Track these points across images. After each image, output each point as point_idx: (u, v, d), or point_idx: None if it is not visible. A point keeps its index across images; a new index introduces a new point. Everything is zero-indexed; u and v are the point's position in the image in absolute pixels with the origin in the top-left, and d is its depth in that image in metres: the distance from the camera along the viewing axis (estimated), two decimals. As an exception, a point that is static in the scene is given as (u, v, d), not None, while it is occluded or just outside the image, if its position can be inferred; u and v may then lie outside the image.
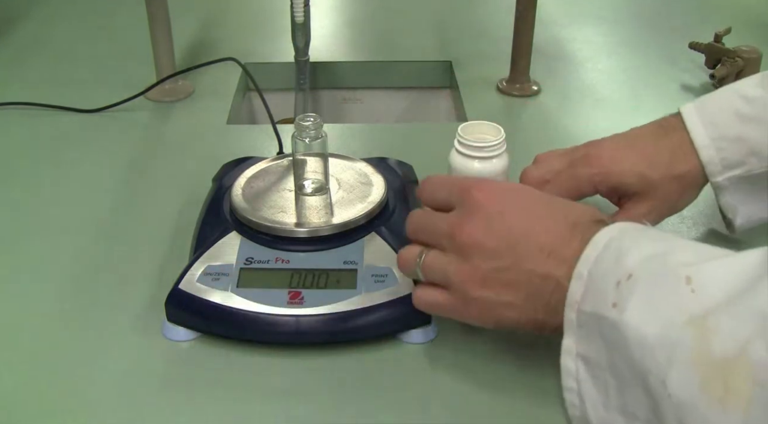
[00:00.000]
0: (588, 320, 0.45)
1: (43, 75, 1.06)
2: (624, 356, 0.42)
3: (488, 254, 0.49)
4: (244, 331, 0.60)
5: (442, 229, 0.52)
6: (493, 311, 0.51)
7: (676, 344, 0.40)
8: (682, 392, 0.39)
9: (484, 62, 1.09)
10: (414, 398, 0.57)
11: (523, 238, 0.49)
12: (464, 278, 0.50)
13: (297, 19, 0.98)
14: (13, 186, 0.82)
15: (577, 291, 0.46)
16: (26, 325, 0.64)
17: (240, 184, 0.68)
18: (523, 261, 0.49)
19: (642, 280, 0.43)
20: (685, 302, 0.40)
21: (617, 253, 0.45)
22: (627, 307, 0.42)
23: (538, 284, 0.48)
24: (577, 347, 0.46)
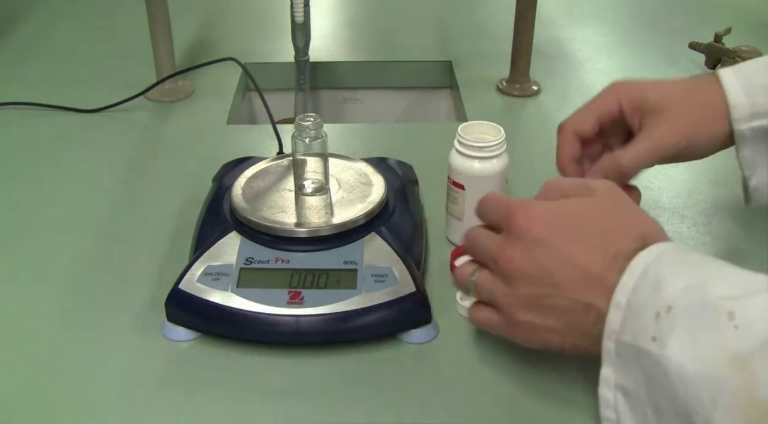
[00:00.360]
0: (627, 351, 0.45)
1: (43, 75, 1.06)
2: (666, 391, 0.42)
3: (530, 281, 0.50)
4: (244, 331, 0.60)
5: (489, 251, 0.53)
6: (538, 335, 0.51)
7: (719, 383, 0.40)
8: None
9: (484, 62, 1.09)
10: (414, 398, 0.57)
11: (563, 267, 0.49)
12: (509, 302, 0.51)
13: (297, 19, 0.98)
14: (13, 186, 0.82)
15: (615, 320, 0.46)
16: (26, 325, 0.64)
17: (240, 184, 0.68)
18: (564, 289, 0.49)
19: (682, 313, 0.43)
20: (729, 340, 0.40)
21: (655, 281, 0.45)
22: (668, 343, 0.42)
23: (581, 313, 0.48)
24: (616, 378, 0.46)
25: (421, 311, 0.61)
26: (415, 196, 0.73)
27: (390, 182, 0.69)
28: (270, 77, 1.08)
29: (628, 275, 0.46)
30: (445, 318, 0.63)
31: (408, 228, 0.67)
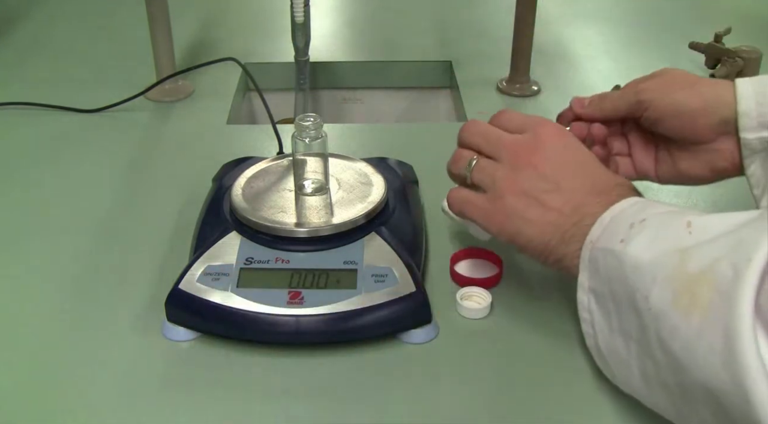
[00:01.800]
0: (598, 255, 0.50)
1: (43, 75, 1.06)
2: (620, 280, 0.48)
3: (538, 175, 0.55)
4: (244, 331, 0.60)
5: (506, 141, 0.57)
6: (514, 222, 0.55)
7: (661, 265, 0.45)
8: (658, 304, 0.45)
9: (484, 62, 1.09)
10: (414, 398, 0.57)
11: (569, 176, 0.55)
12: (507, 185, 0.56)
13: (297, 19, 0.98)
14: (13, 186, 0.82)
15: (595, 233, 0.51)
16: (26, 325, 0.64)
17: (240, 184, 0.68)
18: (564, 192, 0.55)
19: (651, 223, 0.48)
20: (680, 239, 0.46)
21: (640, 207, 0.51)
22: (631, 242, 0.48)
23: (566, 213, 0.54)
24: (589, 282, 0.51)
25: (421, 311, 0.61)
26: (415, 196, 0.73)
27: (390, 182, 0.69)
28: (270, 77, 1.08)
29: (622, 203, 0.52)
30: (445, 318, 0.63)
31: (408, 228, 0.67)
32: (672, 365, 0.44)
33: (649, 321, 0.45)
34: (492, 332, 0.63)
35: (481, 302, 0.64)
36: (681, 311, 0.43)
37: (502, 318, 0.64)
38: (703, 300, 0.42)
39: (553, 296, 0.65)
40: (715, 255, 0.43)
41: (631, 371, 0.49)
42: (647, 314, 0.45)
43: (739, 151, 0.61)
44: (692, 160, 0.64)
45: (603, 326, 0.51)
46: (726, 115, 0.61)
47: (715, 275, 0.42)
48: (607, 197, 0.53)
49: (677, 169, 0.65)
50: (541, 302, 0.65)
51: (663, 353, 0.45)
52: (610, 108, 0.65)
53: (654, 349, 0.45)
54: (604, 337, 0.51)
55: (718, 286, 0.41)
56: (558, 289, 0.66)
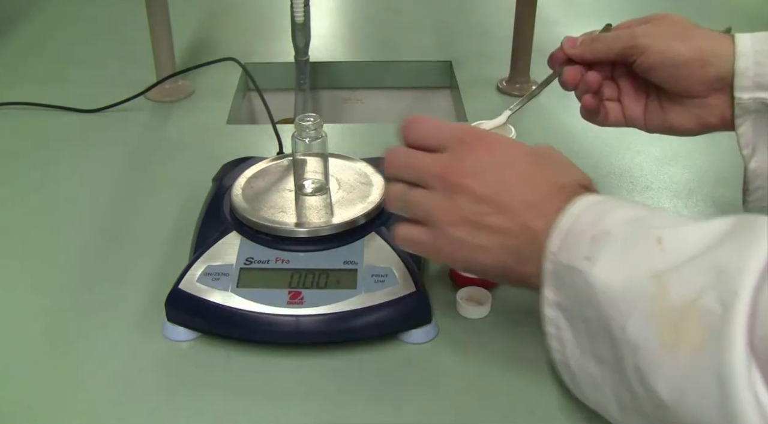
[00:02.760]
0: (562, 271, 0.46)
1: (43, 75, 1.06)
2: (592, 304, 0.44)
3: (474, 197, 0.50)
4: (244, 331, 0.60)
5: (431, 168, 0.52)
6: (466, 252, 0.51)
7: (637, 293, 0.42)
8: (638, 337, 0.41)
9: (484, 62, 1.09)
10: (414, 398, 0.57)
11: (510, 189, 0.50)
12: (446, 217, 0.51)
13: (297, 19, 0.98)
14: (13, 186, 0.82)
15: (555, 244, 0.47)
16: (26, 325, 0.64)
17: (240, 184, 0.68)
18: (506, 210, 0.50)
19: (616, 238, 0.45)
20: (653, 260, 0.42)
21: (598, 212, 0.47)
22: (598, 260, 0.44)
23: (516, 233, 0.50)
24: (555, 297, 0.47)
25: (421, 311, 0.61)
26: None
27: (390, 182, 0.69)
28: (270, 77, 1.08)
29: (576, 206, 0.48)
30: (445, 318, 0.63)
31: (408, 228, 0.67)
32: (654, 401, 0.41)
33: (627, 353, 0.42)
34: (492, 332, 0.63)
35: (481, 302, 0.64)
36: (666, 348, 0.40)
37: (502, 318, 0.64)
38: (691, 337, 0.39)
39: (553, 296, 0.65)
40: (697, 284, 0.40)
41: (604, 394, 0.46)
42: (625, 345, 0.42)
43: (730, 108, 0.60)
44: (682, 112, 0.63)
45: (573, 345, 0.47)
46: (722, 72, 0.59)
47: (700, 309, 0.39)
48: (555, 205, 0.49)
49: (666, 120, 0.64)
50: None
51: (643, 387, 0.42)
52: (602, 49, 0.63)
53: (632, 381, 0.42)
54: (575, 356, 0.47)
55: (705, 322, 0.39)
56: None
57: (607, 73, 0.66)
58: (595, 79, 0.65)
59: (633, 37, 0.62)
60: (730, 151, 0.64)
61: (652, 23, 0.63)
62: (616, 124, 0.67)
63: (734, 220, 0.42)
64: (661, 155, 0.86)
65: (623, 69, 0.66)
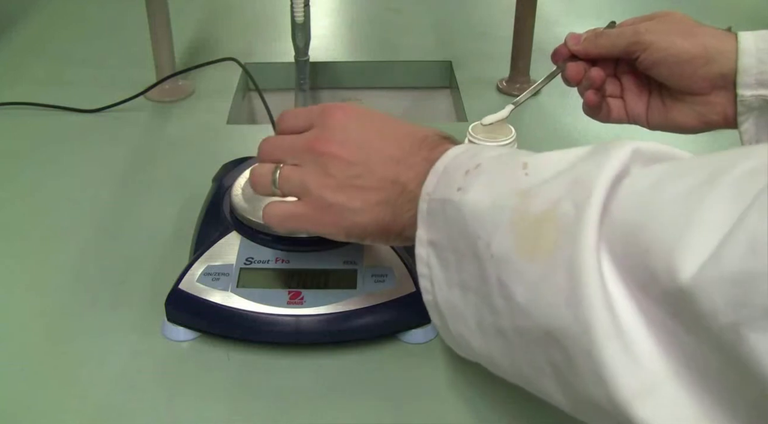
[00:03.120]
0: (436, 206, 0.48)
1: (43, 75, 1.06)
2: (461, 230, 0.45)
3: (344, 164, 0.52)
4: (244, 331, 0.60)
5: (299, 144, 0.54)
6: (343, 217, 0.52)
7: (501, 210, 0.43)
8: (501, 250, 0.42)
9: (484, 62, 1.09)
10: (414, 398, 0.57)
11: (375, 150, 0.52)
12: (319, 183, 0.52)
13: (297, 19, 0.98)
14: (14, 186, 0.82)
15: (430, 183, 0.48)
16: (26, 325, 0.64)
17: (240, 184, 0.68)
18: (375, 169, 0.51)
19: (487, 168, 0.46)
20: (518, 181, 0.44)
21: (475, 151, 0.49)
22: (470, 189, 0.45)
23: (388, 189, 0.51)
24: (427, 235, 0.48)
25: (421, 311, 0.61)
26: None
27: (390, 182, 0.69)
28: (270, 77, 1.08)
29: (453, 150, 0.50)
30: (445, 318, 0.63)
31: (408, 228, 0.67)
32: (512, 310, 0.42)
33: (491, 268, 0.43)
34: (492, 332, 0.63)
35: (481, 301, 0.64)
36: (525, 254, 0.41)
37: (502, 318, 0.64)
38: (547, 242, 0.40)
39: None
40: (555, 195, 0.41)
41: (466, 323, 0.46)
42: (489, 261, 0.43)
43: (733, 106, 0.61)
44: (684, 109, 0.63)
45: (441, 280, 0.48)
46: (725, 70, 0.60)
47: (557, 215, 0.40)
48: (420, 156, 0.51)
49: (668, 117, 0.64)
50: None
51: (503, 299, 0.42)
52: (606, 45, 0.63)
53: (494, 296, 0.43)
54: (442, 291, 0.48)
55: (561, 226, 0.40)
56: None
57: (609, 70, 0.66)
58: (599, 75, 0.65)
59: (637, 33, 0.62)
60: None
61: (656, 20, 0.63)
62: (618, 121, 0.67)
63: (595, 144, 0.43)
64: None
65: (626, 66, 0.66)
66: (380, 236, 0.53)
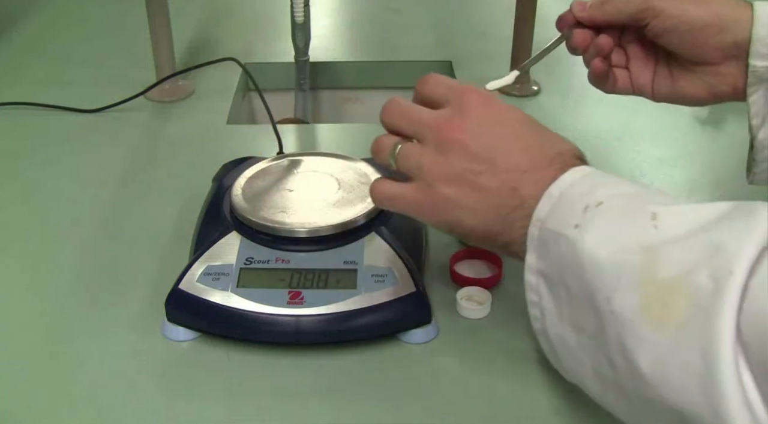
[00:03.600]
0: (548, 237, 0.45)
1: (43, 75, 1.06)
2: (576, 273, 0.43)
3: (468, 155, 0.49)
4: (244, 331, 0.60)
5: (428, 120, 0.51)
6: (451, 212, 0.50)
7: (626, 266, 0.41)
8: (623, 309, 0.40)
9: (484, 62, 1.09)
10: (414, 398, 0.57)
11: (505, 151, 0.49)
12: (437, 171, 0.50)
13: (297, 19, 0.98)
14: (13, 186, 0.82)
15: (543, 209, 0.46)
16: (26, 325, 0.64)
17: (240, 184, 0.68)
18: (499, 171, 0.49)
19: (609, 209, 0.44)
20: (646, 234, 0.41)
21: (593, 183, 0.46)
22: (588, 229, 0.43)
23: (505, 196, 0.48)
24: (538, 263, 0.46)
25: (421, 311, 0.61)
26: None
27: (390, 182, 0.69)
28: (270, 77, 1.08)
29: (570, 174, 0.47)
30: (445, 318, 0.63)
31: (408, 228, 0.67)
32: (634, 375, 0.40)
33: (611, 324, 0.41)
34: (492, 332, 0.63)
35: (481, 302, 0.64)
36: (651, 321, 0.39)
37: (502, 318, 0.64)
38: (679, 313, 0.38)
39: (553, 296, 0.65)
40: (689, 261, 0.39)
41: (581, 365, 0.45)
42: (609, 316, 0.41)
43: (743, 77, 0.59)
44: (693, 80, 0.61)
45: (552, 313, 0.46)
46: (739, 38, 0.57)
47: (691, 285, 0.38)
48: (547, 173, 0.48)
49: (675, 88, 0.62)
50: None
51: (625, 360, 0.41)
52: (613, 12, 0.61)
53: (614, 353, 0.41)
54: (554, 325, 0.46)
55: (695, 299, 0.38)
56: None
57: (615, 38, 0.63)
58: (607, 42, 0.62)
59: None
60: (730, 151, 0.64)
61: None
62: (624, 91, 0.65)
63: (733, 204, 0.41)
64: (661, 155, 0.86)
65: (632, 34, 0.63)
66: (485, 241, 0.51)
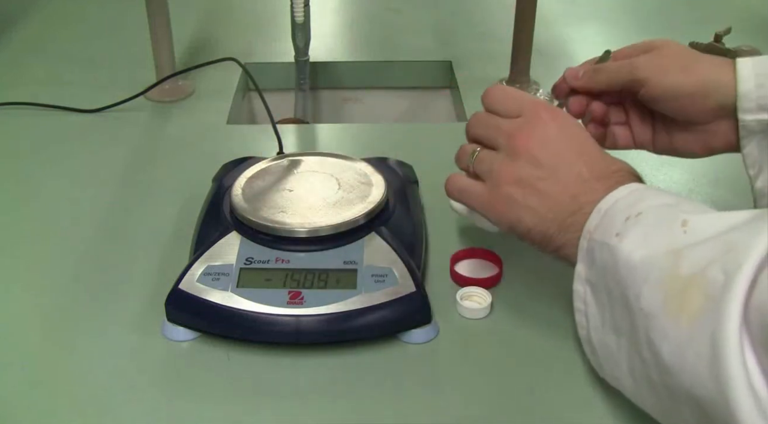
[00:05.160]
0: (594, 247, 0.50)
1: (43, 75, 1.06)
2: (614, 276, 0.48)
3: (535, 161, 0.55)
4: (244, 331, 0.60)
5: (503, 128, 0.57)
6: (514, 211, 0.55)
7: (653, 265, 0.45)
8: (649, 305, 0.44)
9: (484, 62, 1.09)
10: (414, 398, 0.57)
11: (567, 162, 0.54)
12: (504, 173, 0.55)
13: (297, 19, 0.98)
14: (13, 186, 0.82)
15: (592, 223, 0.51)
16: (26, 325, 0.64)
17: (240, 184, 0.68)
18: (560, 179, 0.54)
19: (647, 218, 0.48)
20: (675, 238, 0.45)
21: (637, 196, 0.51)
22: (626, 236, 0.48)
23: (565, 202, 0.53)
24: (586, 272, 0.51)
25: (421, 311, 0.61)
26: (416, 196, 0.73)
27: (390, 182, 0.69)
28: (270, 77, 1.08)
29: (618, 191, 0.52)
30: (445, 318, 0.63)
31: (408, 228, 0.67)
32: (659, 366, 0.44)
33: (640, 320, 0.45)
34: (492, 332, 0.63)
35: (481, 302, 0.64)
36: (671, 315, 0.43)
37: (502, 318, 0.64)
38: (693, 305, 0.41)
39: (553, 295, 0.65)
40: (707, 258, 0.42)
41: (619, 366, 0.49)
42: (639, 313, 0.45)
43: (735, 131, 0.61)
44: (688, 137, 0.64)
45: (596, 319, 0.51)
46: (724, 99, 0.60)
47: (705, 279, 0.41)
48: (605, 185, 0.53)
49: (673, 144, 0.65)
50: (541, 301, 0.65)
51: (651, 354, 0.44)
52: (605, 81, 0.64)
53: (643, 348, 0.45)
54: (597, 330, 0.51)
55: (707, 291, 0.41)
56: (558, 289, 0.66)
57: (614, 98, 0.67)
58: (599, 110, 0.66)
59: (633, 70, 0.62)
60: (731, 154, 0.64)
61: (652, 54, 0.63)
62: (625, 147, 0.68)
63: (758, 211, 0.44)
64: (661, 155, 0.86)
65: (629, 96, 0.66)
66: (539, 242, 0.55)
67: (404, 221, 0.67)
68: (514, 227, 0.56)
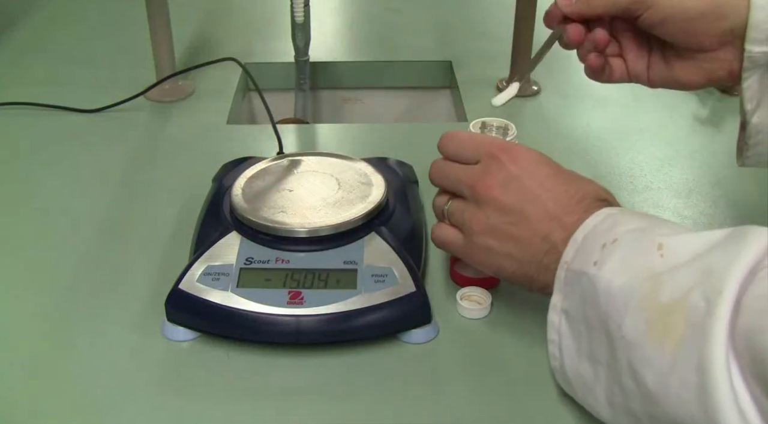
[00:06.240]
0: (572, 277, 0.49)
1: (43, 75, 1.06)
2: (593, 305, 0.47)
3: (501, 208, 0.54)
4: (244, 331, 0.60)
5: (464, 179, 0.56)
6: (493, 259, 0.56)
7: (633, 292, 0.44)
8: (631, 333, 0.44)
9: (484, 62, 1.09)
10: (414, 398, 0.57)
11: (533, 201, 0.54)
12: (475, 225, 0.55)
13: (297, 19, 0.98)
14: (13, 186, 0.82)
15: (569, 253, 0.50)
16: (26, 325, 0.64)
17: (240, 184, 0.68)
18: (529, 220, 0.53)
19: (623, 244, 0.47)
20: (652, 263, 0.45)
21: (612, 222, 0.50)
22: (604, 264, 0.47)
23: (537, 243, 0.53)
24: (562, 303, 0.50)
25: (421, 311, 0.61)
26: (415, 196, 0.73)
27: (390, 182, 0.69)
28: (270, 77, 1.08)
29: (592, 218, 0.51)
30: (445, 318, 0.63)
31: (408, 228, 0.67)
32: (643, 395, 0.43)
33: (621, 349, 0.45)
34: (492, 332, 0.63)
35: (481, 302, 0.64)
36: (654, 342, 0.42)
37: (502, 318, 0.64)
38: (676, 332, 0.41)
39: (553, 296, 0.65)
40: (686, 284, 0.42)
41: (595, 396, 0.48)
42: (620, 341, 0.45)
43: (739, 61, 0.59)
44: (688, 66, 0.61)
45: (571, 349, 0.50)
46: (735, 24, 0.57)
47: (687, 305, 0.41)
48: (573, 218, 0.52)
49: (671, 74, 0.62)
50: (541, 301, 0.65)
51: (634, 383, 0.44)
52: (603, 5, 0.61)
53: (625, 377, 0.45)
54: (572, 360, 0.50)
55: (690, 318, 0.41)
56: (558, 289, 0.66)
57: (605, 29, 0.63)
58: (603, 37, 0.62)
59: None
60: (729, 151, 0.64)
61: None
62: (620, 80, 0.65)
63: (730, 230, 0.44)
64: (661, 155, 0.86)
65: (623, 25, 0.63)
66: (525, 284, 0.56)
67: (404, 220, 0.67)
68: (497, 273, 0.57)
